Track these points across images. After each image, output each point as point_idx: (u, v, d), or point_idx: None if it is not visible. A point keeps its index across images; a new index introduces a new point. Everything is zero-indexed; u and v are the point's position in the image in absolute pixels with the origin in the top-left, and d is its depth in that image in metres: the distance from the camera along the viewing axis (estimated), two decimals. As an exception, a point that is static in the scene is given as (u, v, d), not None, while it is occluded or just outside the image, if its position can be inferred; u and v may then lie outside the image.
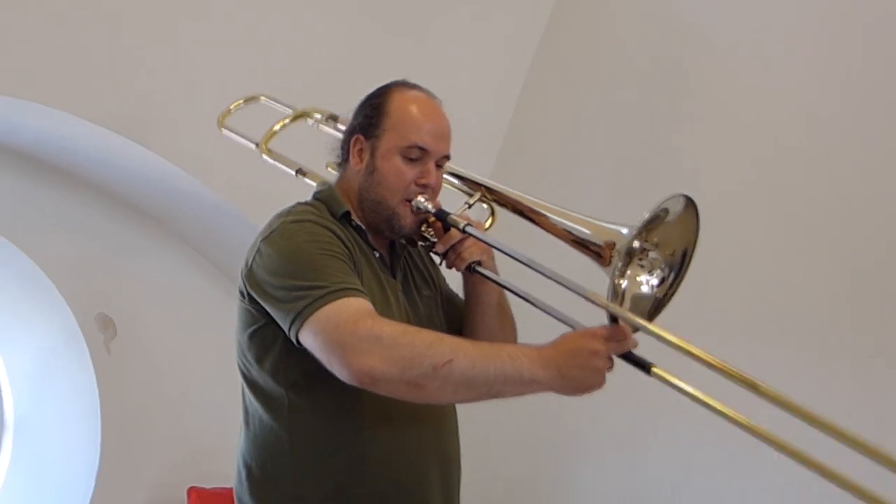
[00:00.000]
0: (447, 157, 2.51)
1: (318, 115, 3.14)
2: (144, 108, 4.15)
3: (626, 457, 4.34)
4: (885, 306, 3.54)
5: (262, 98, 3.51)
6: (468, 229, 2.41)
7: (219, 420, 2.77)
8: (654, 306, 2.21)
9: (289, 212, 2.42)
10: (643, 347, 2.11)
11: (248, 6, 4.29)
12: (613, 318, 2.08)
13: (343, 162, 2.57)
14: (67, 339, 4.82)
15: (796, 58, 4.00)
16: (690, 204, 2.15)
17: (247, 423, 2.44)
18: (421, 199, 2.42)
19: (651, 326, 2.05)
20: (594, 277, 2.20)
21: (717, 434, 3.90)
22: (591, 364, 2.03)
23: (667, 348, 2.02)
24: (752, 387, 1.92)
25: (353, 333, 2.08)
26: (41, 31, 3.88)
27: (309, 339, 2.16)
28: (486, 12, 4.88)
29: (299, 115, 3.23)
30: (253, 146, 3.28)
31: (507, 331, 2.65)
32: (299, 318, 2.15)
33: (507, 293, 2.57)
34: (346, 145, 2.55)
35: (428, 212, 2.43)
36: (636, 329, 2.10)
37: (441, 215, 2.43)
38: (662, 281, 2.22)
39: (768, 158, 3.99)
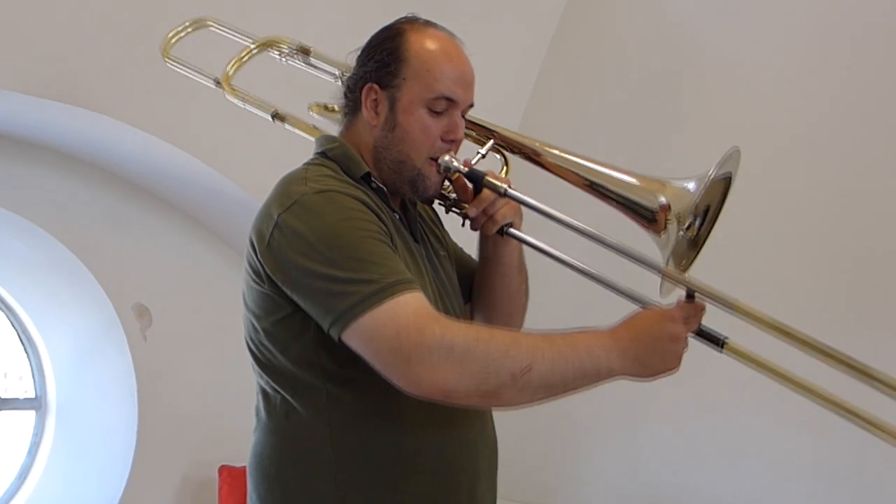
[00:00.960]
0: (471, 105, 2.20)
1: (284, 47, 2.82)
2: (177, 111, 4.16)
3: (624, 442, 4.40)
4: (875, 297, 3.65)
5: (211, 23, 3.13)
6: (510, 192, 2.12)
7: (247, 403, 2.82)
8: (689, 247, 2.08)
9: (304, 177, 2.07)
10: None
11: (269, 11, 4.15)
12: (689, 294, 1.94)
13: (350, 114, 2.23)
14: (106, 327, 4.86)
15: (785, 66, 4.05)
16: (730, 172, 2.07)
17: (267, 414, 2.11)
18: (447, 157, 2.11)
19: (743, 303, 1.94)
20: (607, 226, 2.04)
21: (705, 426, 3.96)
22: (671, 349, 1.90)
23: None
24: (862, 372, 1.87)
25: (419, 344, 1.83)
26: (89, 46, 3.92)
27: (358, 343, 1.89)
28: (498, 20, 4.86)
29: (264, 44, 2.87)
30: (212, 83, 2.93)
31: (523, 290, 2.39)
32: (344, 317, 1.86)
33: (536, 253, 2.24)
34: (353, 94, 2.20)
35: (459, 171, 2.13)
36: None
37: (476, 177, 2.14)
38: (689, 226, 2.05)
39: (760, 159, 3.91)
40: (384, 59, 2.12)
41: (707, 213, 2.05)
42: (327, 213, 1.94)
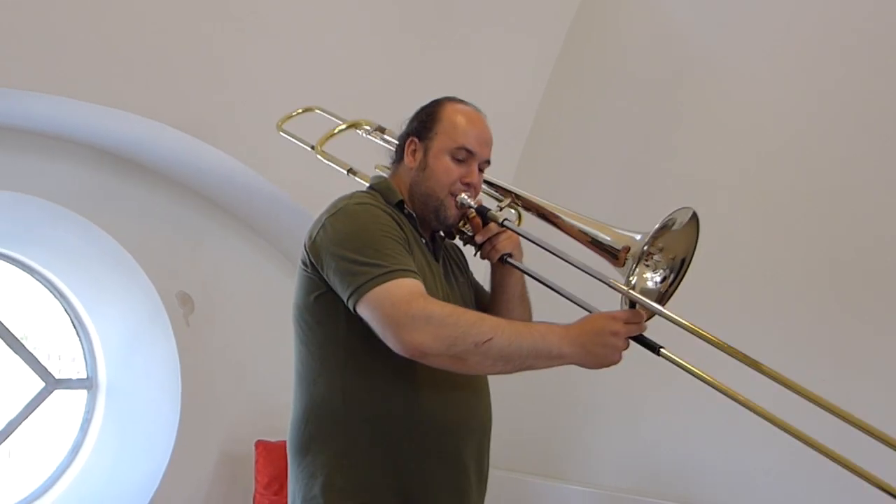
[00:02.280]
0: (488, 163, 2.56)
1: (367, 127, 3.20)
2: (218, 115, 4.24)
3: (627, 417, 4.45)
4: (860, 290, 3.67)
5: (317, 110, 3.58)
6: (506, 223, 2.50)
7: (281, 382, 2.82)
8: (658, 299, 2.25)
9: (350, 196, 2.44)
10: (651, 332, 2.17)
11: (306, 30, 4.34)
12: (632, 305, 2.18)
13: (397, 161, 2.62)
14: (152, 314, 4.91)
15: (778, 75, 4.07)
16: (694, 217, 2.22)
17: (301, 382, 2.45)
18: (464, 195, 2.48)
19: (665, 310, 2.13)
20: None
21: (703, 406, 3.90)
22: (611, 343, 2.13)
23: (672, 333, 2.13)
24: (755, 365, 2.06)
25: (406, 313, 2.13)
26: (133, 53, 3.96)
27: (366, 312, 2.21)
28: (510, 34, 4.94)
29: (352, 125, 3.27)
30: (309, 148, 3.34)
31: (525, 318, 2.68)
32: (358, 291, 2.20)
33: (532, 281, 2.57)
34: (400, 147, 2.60)
35: (470, 207, 2.49)
36: (650, 315, 2.18)
37: (482, 210, 2.51)
38: (664, 279, 2.27)
39: (754, 161, 4.09)
40: (424, 119, 2.56)
41: (682, 263, 2.27)
42: (360, 218, 2.34)
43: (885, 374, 3.54)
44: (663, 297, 2.26)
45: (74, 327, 5.19)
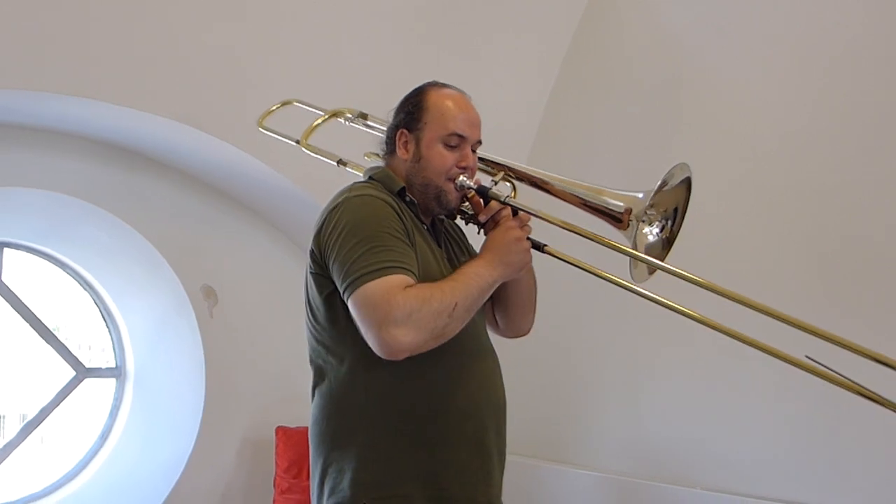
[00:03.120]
0: (479, 142, 2.51)
1: (349, 115, 3.11)
2: (240, 118, 4.12)
3: (628, 404, 4.41)
4: (847, 281, 3.65)
5: (295, 102, 3.48)
6: (508, 200, 2.44)
7: (301, 370, 2.85)
8: (664, 246, 2.36)
9: (350, 188, 2.41)
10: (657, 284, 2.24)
11: (328, 38, 4.33)
12: (514, 212, 2.38)
13: (389, 153, 2.56)
14: (178, 306, 4.93)
15: (770, 80, 4.06)
16: (686, 177, 2.36)
17: (321, 379, 2.40)
18: (463, 177, 2.44)
19: (667, 265, 2.23)
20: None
21: (701, 394, 3.90)
22: (520, 247, 2.31)
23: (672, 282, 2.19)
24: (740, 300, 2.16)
25: (385, 314, 2.11)
26: (162, 60, 4.00)
27: (353, 310, 2.19)
28: (518, 41, 4.92)
29: (333, 115, 3.19)
30: (294, 143, 3.24)
31: (532, 288, 2.65)
32: (349, 288, 2.17)
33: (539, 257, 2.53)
34: (390, 140, 2.54)
35: (470, 188, 2.44)
36: (653, 271, 2.31)
37: (483, 190, 2.45)
38: (662, 228, 2.35)
39: (749, 161, 4.09)
40: (410, 110, 2.49)
41: (675, 210, 2.38)
42: (361, 210, 2.30)
43: (871, 364, 3.55)
44: (668, 242, 2.35)
45: (104, 319, 5.21)
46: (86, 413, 5.14)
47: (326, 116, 3.21)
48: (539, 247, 2.31)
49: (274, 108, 3.51)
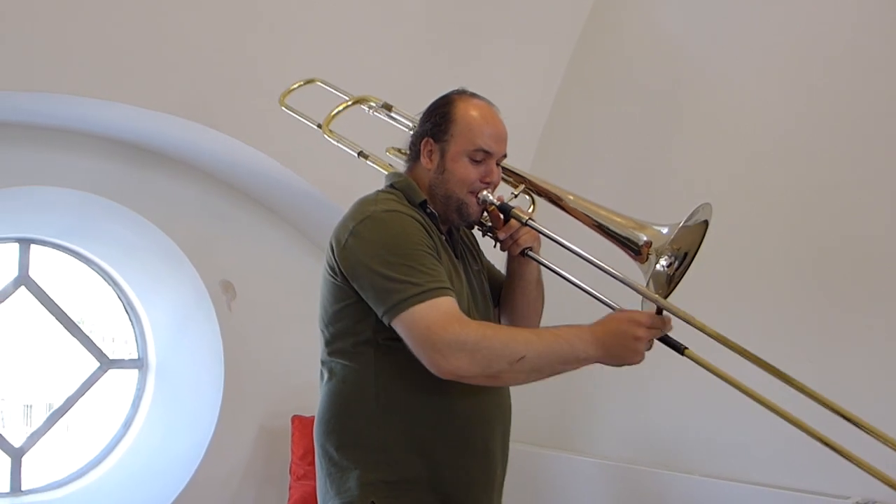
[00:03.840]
0: (504, 156, 2.45)
1: (373, 103, 3.01)
2: (258, 120, 4.21)
3: (635, 394, 4.44)
4: (841, 276, 3.69)
5: (318, 82, 3.31)
6: (530, 223, 2.40)
7: (315, 362, 2.87)
8: (667, 282, 2.19)
9: (375, 199, 2.34)
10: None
11: (341, 43, 4.31)
12: (659, 310, 2.12)
13: (413, 160, 2.50)
14: (197, 300, 4.94)
15: (766, 83, 4.08)
16: (706, 219, 2.19)
17: (330, 381, 2.37)
18: (486, 192, 2.38)
19: (695, 320, 2.05)
20: (602, 253, 2.25)
21: (700, 386, 3.68)
22: (633, 346, 2.07)
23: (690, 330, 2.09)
24: (783, 377, 2.04)
25: (441, 339, 2.07)
26: (185, 65, 4.00)
27: (402, 330, 2.14)
28: (524, 43, 4.92)
29: (357, 101, 3.06)
30: (315, 126, 3.12)
31: (539, 301, 2.65)
32: (394, 309, 2.13)
33: (548, 272, 2.50)
34: (415, 146, 2.48)
35: (493, 204, 2.39)
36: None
37: (505, 209, 2.40)
38: (670, 265, 2.20)
39: (745, 160, 4.11)
40: (438, 120, 2.41)
41: (685, 254, 2.20)
42: (391, 228, 2.23)
43: (863, 354, 3.58)
44: (671, 279, 2.21)
45: (127, 312, 5.22)
46: (109, 402, 5.14)
47: (350, 102, 3.09)
48: (679, 349, 2.12)
49: (296, 85, 3.36)
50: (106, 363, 5.10)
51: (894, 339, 3.53)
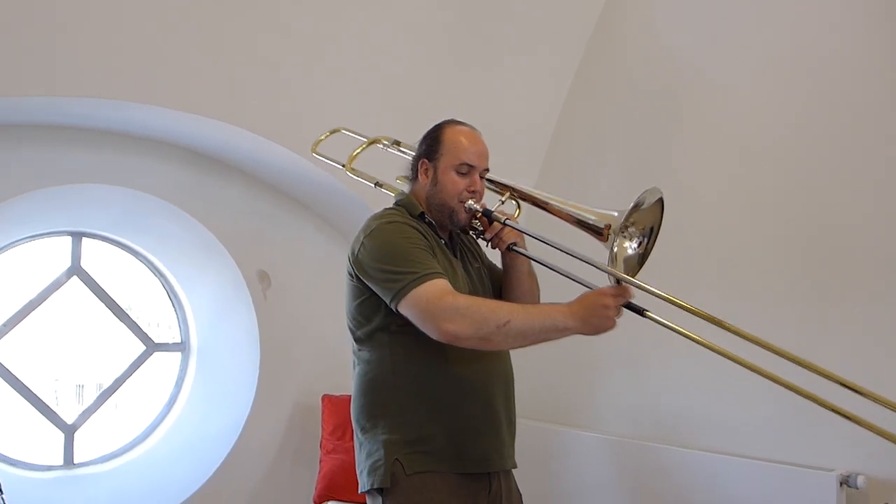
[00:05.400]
0: (487, 170, 2.69)
1: (385, 142, 3.30)
2: (290, 123, 4.28)
3: (634, 373, 4.48)
4: (825, 266, 3.72)
5: (343, 130, 3.60)
6: (507, 222, 2.64)
7: (344, 346, 2.82)
8: (639, 261, 2.41)
9: (381, 215, 2.62)
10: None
11: (366, 54, 4.34)
12: (617, 280, 2.31)
13: (413, 178, 2.76)
14: (235, 288, 4.97)
15: (758, 89, 4.09)
16: (659, 199, 2.37)
17: (358, 366, 2.61)
18: (471, 201, 2.63)
19: (645, 285, 2.25)
20: (587, 246, 2.44)
21: (697, 364, 3.85)
22: (605, 314, 2.27)
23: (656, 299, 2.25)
24: (718, 323, 2.19)
25: (438, 307, 2.31)
26: (226, 73, 4.03)
27: (406, 310, 2.38)
28: (535, 54, 4.92)
29: (373, 142, 3.36)
30: (340, 166, 3.43)
31: (534, 290, 2.82)
32: (399, 294, 2.37)
33: (534, 263, 2.75)
34: (415, 167, 2.74)
35: (477, 210, 2.63)
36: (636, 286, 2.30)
37: (487, 213, 2.63)
38: (640, 244, 2.40)
39: (739, 160, 4.12)
40: (430, 143, 2.71)
41: (651, 229, 2.41)
42: (392, 235, 2.51)
43: (842, 337, 3.60)
44: (642, 257, 2.41)
45: (170, 300, 5.25)
46: (155, 383, 5.17)
47: (367, 144, 3.38)
48: (640, 311, 2.29)
49: (323, 137, 3.63)
50: (151, 346, 5.13)
51: (870, 322, 3.55)
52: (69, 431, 4.80)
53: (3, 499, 3.55)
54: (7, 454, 4.57)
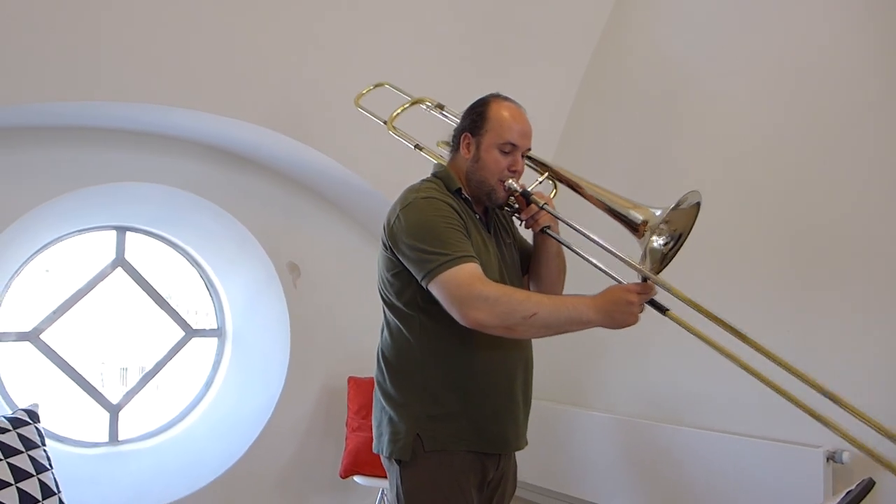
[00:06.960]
0: (529, 149, 2.56)
1: (428, 103, 3.18)
2: (318, 125, 4.28)
3: (638, 358, 4.50)
4: (811, 260, 3.75)
5: (387, 85, 3.49)
6: (545, 207, 2.52)
7: (367, 331, 3.01)
8: (661, 259, 2.28)
9: (418, 188, 2.47)
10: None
11: (387, 61, 4.30)
12: (644, 278, 2.21)
13: (454, 150, 2.61)
14: (267, 279, 4.97)
15: (751, 94, 4.12)
16: (697, 202, 2.25)
17: (387, 330, 2.53)
18: (511, 181, 2.49)
19: (670, 286, 2.13)
20: (610, 232, 2.34)
21: (696, 349, 3.71)
22: (628, 310, 2.17)
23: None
24: (738, 335, 2.09)
25: (467, 293, 2.18)
26: (256, 78, 3.99)
27: (435, 290, 2.27)
28: (544, 61, 4.94)
29: (416, 101, 3.23)
30: (382, 123, 3.28)
31: (561, 272, 2.71)
32: (430, 274, 2.26)
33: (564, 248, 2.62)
34: (456, 139, 2.59)
35: (516, 191, 2.50)
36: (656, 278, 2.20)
37: (526, 195, 2.51)
38: (666, 244, 2.27)
39: (733, 159, 4.15)
40: (475, 117, 2.55)
41: (679, 234, 2.29)
42: (427, 211, 2.37)
43: (829, 327, 3.64)
44: (665, 257, 2.29)
45: (207, 289, 5.26)
46: (193, 366, 5.17)
47: (409, 104, 3.24)
48: (662, 310, 2.19)
49: (366, 90, 3.51)
50: (190, 332, 5.14)
51: (857, 311, 3.58)
52: (114, 411, 4.81)
53: (52, 474, 3.52)
54: (56, 432, 4.56)
